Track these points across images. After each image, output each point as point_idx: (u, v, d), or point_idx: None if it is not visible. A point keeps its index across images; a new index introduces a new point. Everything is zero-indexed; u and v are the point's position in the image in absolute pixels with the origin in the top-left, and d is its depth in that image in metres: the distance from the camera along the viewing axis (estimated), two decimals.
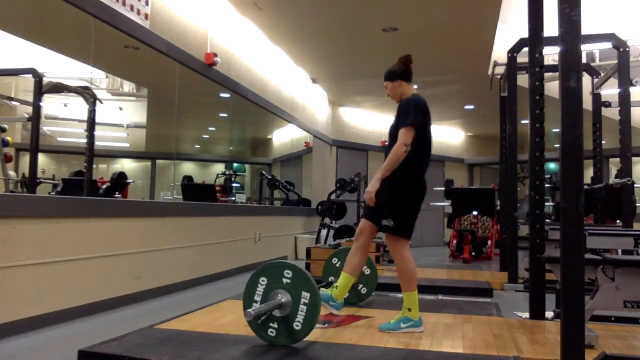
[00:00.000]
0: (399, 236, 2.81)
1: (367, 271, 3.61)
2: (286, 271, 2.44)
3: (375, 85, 8.62)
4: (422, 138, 2.83)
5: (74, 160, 5.38)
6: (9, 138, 4.52)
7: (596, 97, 5.97)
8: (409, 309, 2.79)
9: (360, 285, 3.57)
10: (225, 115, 7.19)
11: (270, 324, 2.43)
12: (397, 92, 2.95)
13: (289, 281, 2.43)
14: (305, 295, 2.39)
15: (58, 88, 4.51)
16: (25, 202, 3.13)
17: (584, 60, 7.14)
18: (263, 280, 2.47)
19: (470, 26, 5.94)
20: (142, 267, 4.03)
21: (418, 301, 2.83)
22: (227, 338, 2.61)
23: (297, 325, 2.40)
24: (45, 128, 4.93)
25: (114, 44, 4.35)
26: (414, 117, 2.75)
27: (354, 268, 2.94)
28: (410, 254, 2.84)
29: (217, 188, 6.60)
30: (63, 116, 5.57)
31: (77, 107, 4.81)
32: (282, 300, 2.40)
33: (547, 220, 3.92)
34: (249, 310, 2.31)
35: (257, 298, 2.46)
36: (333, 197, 8.06)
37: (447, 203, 9.36)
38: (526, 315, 3.38)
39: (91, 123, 4.28)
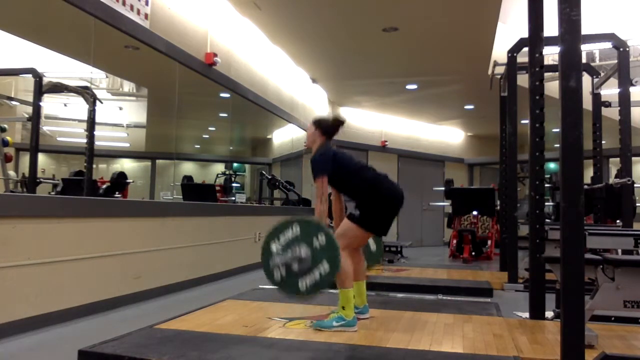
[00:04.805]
0: (359, 226, 2.89)
1: (372, 247, 3.60)
2: (294, 225, 2.49)
3: (375, 85, 8.66)
4: (353, 173, 3.02)
5: (74, 160, 5.39)
6: (9, 138, 4.52)
7: (596, 97, 5.97)
8: (343, 307, 2.82)
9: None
10: (225, 115, 7.19)
11: (291, 275, 2.49)
12: (313, 141, 3.17)
13: (300, 233, 2.48)
14: (321, 239, 2.43)
15: (58, 88, 4.52)
16: (25, 202, 3.13)
17: (584, 60, 7.14)
18: (275, 241, 2.51)
19: (470, 26, 5.94)
20: (143, 267, 4.03)
21: (353, 300, 2.88)
22: (227, 338, 2.61)
23: (317, 275, 2.47)
24: (45, 128, 4.93)
25: (114, 44, 4.35)
26: (322, 168, 2.96)
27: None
28: (348, 256, 2.88)
29: (217, 188, 6.60)
30: (63, 116, 5.58)
31: (77, 107, 4.81)
32: (302, 253, 2.46)
33: (547, 220, 3.92)
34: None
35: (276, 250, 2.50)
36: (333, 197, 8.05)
37: (447, 203, 9.36)
38: (526, 315, 3.38)
39: (91, 123, 4.28)
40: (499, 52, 6.30)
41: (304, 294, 2.45)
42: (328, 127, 3.19)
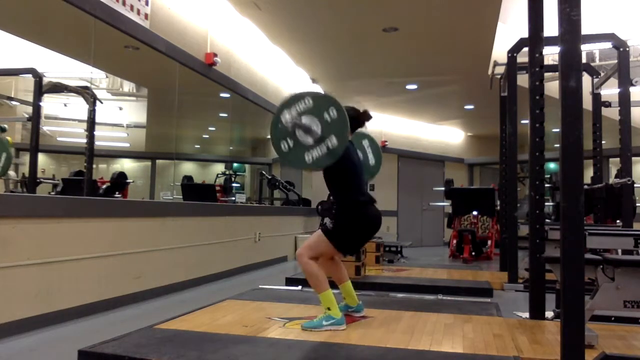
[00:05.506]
0: (329, 239, 2.87)
1: (371, 162, 3.49)
2: (307, 98, 2.52)
3: (376, 85, 8.66)
4: (354, 172, 2.93)
5: (74, 160, 5.39)
6: (9, 138, 4.52)
7: (596, 97, 5.96)
8: (329, 308, 2.83)
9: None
10: (225, 115, 7.20)
11: (298, 147, 2.52)
12: None
13: (312, 106, 2.49)
14: (332, 113, 2.45)
15: (58, 88, 4.52)
16: (25, 202, 3.13)
17: (584, 60, 7.14)
18: (286, 112, 2.55)
19: (470, 26, 5.94)
20: (142, 267, 4.03)
21: (334, 299, 2.86)
22: (227, 338, 2.61)
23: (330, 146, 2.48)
24: (45, 128, 4.93)
25: (114, 44, 4.36)
26: None
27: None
28: (314, 262, 2.87)
29: (217, 188, 6.60)
30: (63, 116, 5.58)
31: (77, 107, 4.81)
32: (312, 126, 2.49)
33: (547, 220, 3.92)
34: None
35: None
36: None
37: (447, 203, 9.35)
38: (526, 315, 3.38)
39: (91, 123, 4.28)
40: (499, 52, 6.30)
41: (309, 166, 2.50)
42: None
